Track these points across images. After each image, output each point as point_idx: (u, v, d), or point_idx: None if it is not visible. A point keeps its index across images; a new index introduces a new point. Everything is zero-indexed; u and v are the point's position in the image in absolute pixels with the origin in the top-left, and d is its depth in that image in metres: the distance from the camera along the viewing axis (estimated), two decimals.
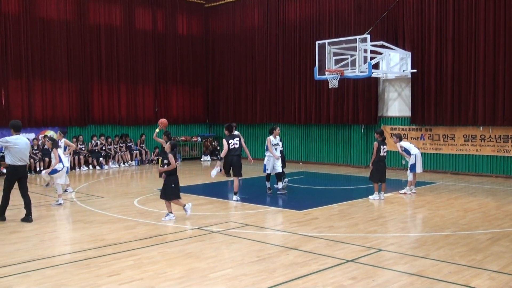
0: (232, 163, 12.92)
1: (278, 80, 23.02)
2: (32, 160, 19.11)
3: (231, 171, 13.07)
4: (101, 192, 14.83)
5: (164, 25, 24.59)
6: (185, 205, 10.81)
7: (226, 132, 13.21)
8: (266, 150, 13.98)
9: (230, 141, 12.89)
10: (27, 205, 10.63)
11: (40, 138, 19.92)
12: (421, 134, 18.71)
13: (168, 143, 10.98)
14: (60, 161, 12.60)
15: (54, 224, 10.53)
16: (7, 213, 10.90)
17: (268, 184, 14.02)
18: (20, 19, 19.84)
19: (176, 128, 25.39)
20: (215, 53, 26.03)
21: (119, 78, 22.89)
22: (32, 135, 19.90)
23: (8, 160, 10.56)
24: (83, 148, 21.11)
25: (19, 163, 10.57)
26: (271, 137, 13.85)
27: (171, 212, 10.65)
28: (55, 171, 12.61)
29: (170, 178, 10.65)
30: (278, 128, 14.13)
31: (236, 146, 12.94)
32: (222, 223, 10.34)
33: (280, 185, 13.92)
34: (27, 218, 10.56)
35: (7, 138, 10.71)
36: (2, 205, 10.72)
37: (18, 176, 10.64)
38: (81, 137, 21.27)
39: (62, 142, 14.43)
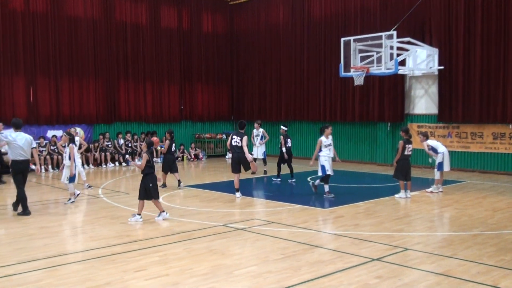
0: (240, 160, 12.95)
1: (303, 78, 22.95)
2: (48, 157, 19.47)
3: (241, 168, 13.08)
4: (127, 188, 14.97)
5: (189, 23, 24.71)
6: (163, 211, 10.40)
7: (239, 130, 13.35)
8: (320, 151, 12.97)
9: (233, 137, 13.04)
10: (22, 196, 11.15)
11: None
12: (448, 132, 18.45)
13: (144, 141, 10.81)
14: (74, 159, 12.45)
15: (82, 219, 10.67)
16: (35, 208, 11.09)
17: (327, 188, 12.89)
18: (48, 18, 20.15)
19: (201, 126, 25.52)
20: (239, 50, 26.06)
21: (145, 76, 23.10)
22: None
23: (10, 156, 11.19)
24: (110, 145, 21.35)
25: (20, 158, 11.09)
26: (323, 138, 13.03)
27: (139, 214, 10.24)
28: (73, 179, 12.39)
29: (147, 177, 10.23)
30: (330, 128, 13.28)
31: (239, 144, 12.94)
32: (247, 220, 10.36)
33: (326, 188, 12.92)
34: (24, 212, 11.10)
35: (7, 134, 11.37)
36: (20, 200, 11.17)
37: (20, 170, 11.15)
38: (107, 134, 21.52)
39: (77, 140, 14.40)
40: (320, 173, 13.03)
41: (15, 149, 11.07)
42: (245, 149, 12.81)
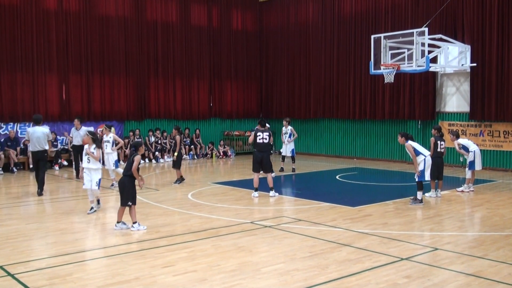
0: (263, 160, 12.77)
1: (333, 75, 22.81)
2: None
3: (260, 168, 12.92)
4: (157, 185, 15.13)
5: (219, 21, 24.80)
6: (136, 222, 9.32)
7: (258, 126, 13.19)
8: (417, 155, 11.67)
9: (258, 134, 12.85)
10: (40, 182, 13.14)
11: (98, 131, 20.48)
12: (480, 130, 18.12)
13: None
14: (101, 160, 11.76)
15: (111, 215, 10.80)
16: (66, 203, 11.28)
17: (420, 195, 11.68)
18: (80, 17, 20.47)
19: (230, 123, 25.61)
20: (269, 48, 26.04)
21: (175, 73, 23.28)
22: (91, 127, 20.47)
23: (29, 147, 13.55)
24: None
25: (36, 149, 13.11)
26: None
27: (123, 222, 9.44)
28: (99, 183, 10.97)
29: (125, 179, 9.28)
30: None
31: (265, 141, 12.84)
32: (275, 218, 10.36)
33: (419, 195, 11.74)
34: (39, 192, 13.09)
35: (27, 128, 13.96)
36: (38, 182, 13.23)
37: (37, 158, 13.21)
38: (137, 131, 21.78)
39: (111, 137, 14.23)
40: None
41: (32, 141, 13.09)
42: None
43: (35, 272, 6.92)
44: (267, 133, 12.92)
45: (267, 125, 13.61)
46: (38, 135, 13.05)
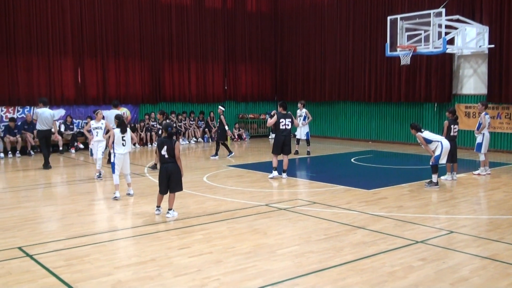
0: (285, 142, 12.81)
1: (348, 57, 22.63)
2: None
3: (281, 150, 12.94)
4: None
5: (233, 2, 24.66)
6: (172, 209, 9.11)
7: (280, 109, 13.02)
8: (429, 142, 11.70)
9: (281, 121, 12.78)
10: (45, 156, 14.89)
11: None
12: (497, 112, 17.89)
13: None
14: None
15: (128, 198, 10.90)
16: (83, 186, 11.40)
17: (435, 178, 11.57)
18: (95, 0, 20.48)
19: (245, 106, 25.59)
20: (283, 30, 25.87)
21: (189, 56, 23.26)
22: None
23: (37, 126, 15.00)
24: (155, 125, 21.67)
25: (43, 128, 14.84)
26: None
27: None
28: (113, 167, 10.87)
29: (173, 166, 8.97)
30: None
31: (288, 127, 12.85)
32: (290, 200, 10.38)
33: (434, 178, 11.59)
34: (46, 166, 14.81)
35: (36, 109, 15.32)
36: (44, 157, 14.89)
37: (43, 135, 14.92)
38: (152, 114, 21.86)
39: (103, 123, 13.19)
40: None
41: (40, 121, 14.78)
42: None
43: (53, 253, 7.03)
44: (290, 119, 12.89)
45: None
46: (46, 115, 14.90)
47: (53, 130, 15.28)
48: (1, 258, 6.82)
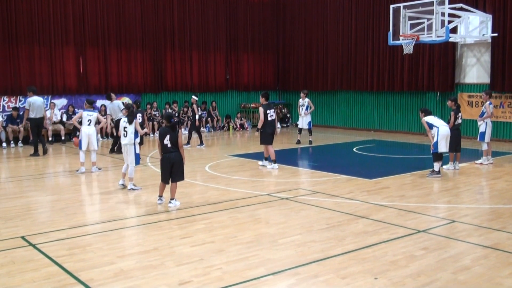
0: (272, 132, 12.88)
1: (350, 46, 22.55)
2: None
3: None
4: None
5: None
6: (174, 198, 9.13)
7: (262, 100, 13.03)
8: (431, 128, 11.67)
9: (268, 112, 12.77)
10: (35, 144, 15.23)
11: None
12: (500, 102, 17.84)
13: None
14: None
15: (130, 187, 10.90)
16: (85, 175, 11.42)
17: (437, 167, 11.56)
18: None
19: (247, 95, 25.54)
20: (286, 19, 25.75)
21: (191, 46, 23.20)
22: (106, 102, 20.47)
23: (30, 115, 14.95)
24: (157, 115, 21.67)
25: (38, 116, 14.99)
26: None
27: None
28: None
29: (177, 155, 8.99)
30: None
31: (273, 118, 12.89)
32: (292, 190, 10.39)
33: (436, 167, 11.60)
34: (34, 154, 15.23)
35: (29, 99, 15.08)
36: (34, 145, 15.30)
37: (35, 123, 15.04)
38: (155, 103, 21.85)
39: (92, 114, 12.92)
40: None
41: (33, 109, 14.89)
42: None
43: (55, 243, 7.06)
44: (273, 109, 13.03)
45: None
46: (39, 103, 15.13)
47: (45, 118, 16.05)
48: (5, 248, 6.85)
